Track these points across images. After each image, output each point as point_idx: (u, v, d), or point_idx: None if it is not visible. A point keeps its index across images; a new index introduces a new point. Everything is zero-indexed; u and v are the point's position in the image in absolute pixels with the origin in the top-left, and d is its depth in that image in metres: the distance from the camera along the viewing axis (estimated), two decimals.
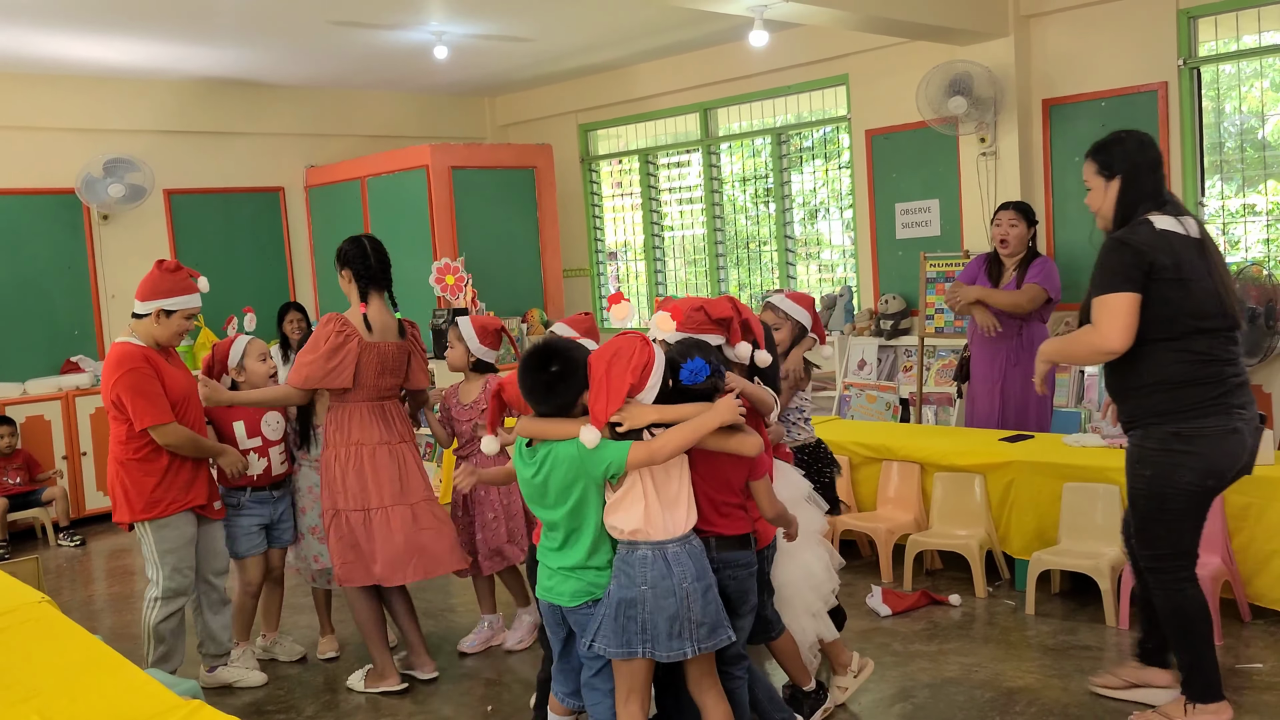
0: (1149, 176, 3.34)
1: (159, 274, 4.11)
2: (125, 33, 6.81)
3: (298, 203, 9.22)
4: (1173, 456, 3.23)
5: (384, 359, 4.12)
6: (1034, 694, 3.81)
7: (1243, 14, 6.28)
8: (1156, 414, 3.25)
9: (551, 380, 2.89)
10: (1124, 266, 3.17)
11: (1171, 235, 3.22)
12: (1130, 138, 3.42)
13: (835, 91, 8.08)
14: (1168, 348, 3.20)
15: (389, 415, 4.18)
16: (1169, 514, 3.29)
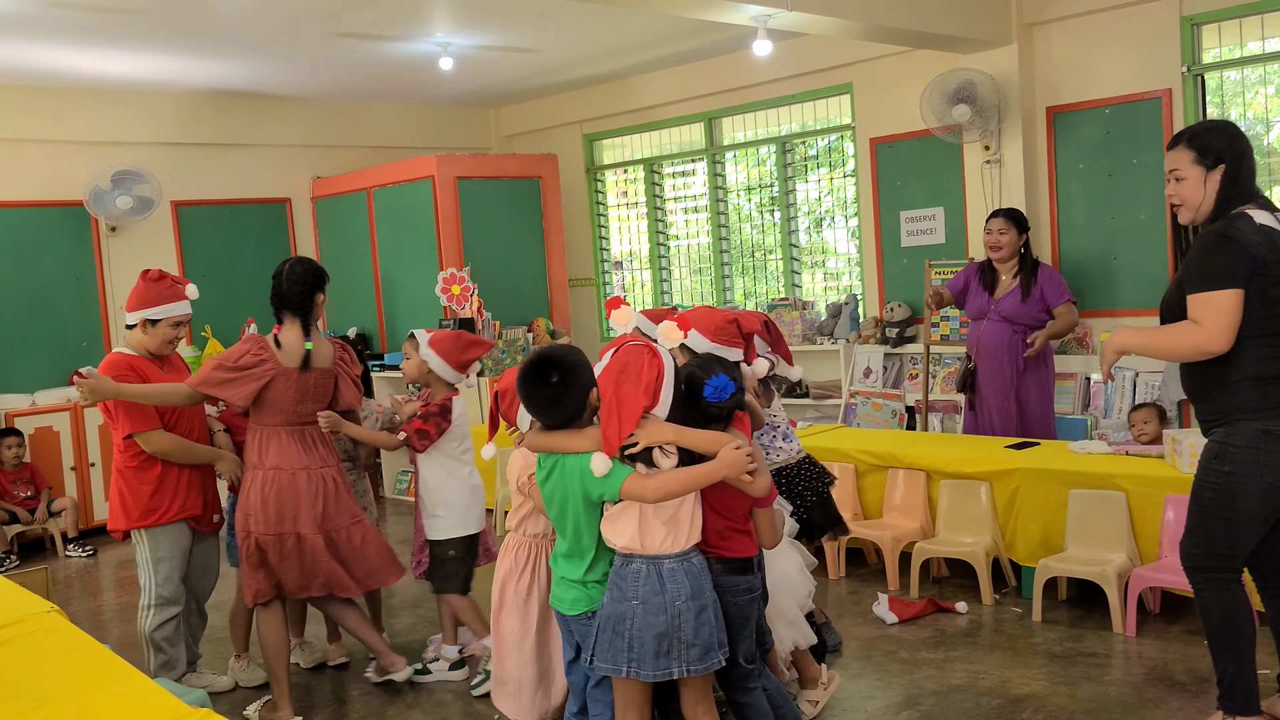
0: (1249, 167, 3.23)
1: (143, 284, 4.20)
2: (133, 46, 6.86)
3: (304, 214, 9.26)
4: (1258, 455, 3.11)
5: (303, 386, 4.04)
6: (1041, 701, 3.80)
7: (1246, 20, 6.29)
8: (1247, 410, 3.12)
9: (555, 394, 2.85)
10: (1231, 263, 3.05)
11: (1271, 231, 3.12)
12: (1230, 126, 3.31)
13: (839, 100, 8.10)
14: (1263, 343, 3.10)
15: (309, 440, 4.08)
16: (1238, 513, 3.17)
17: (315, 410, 4.09)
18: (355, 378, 4.26)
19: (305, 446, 4.07)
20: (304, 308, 4.04)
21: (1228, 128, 3.28)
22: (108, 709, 2.63)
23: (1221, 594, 3.24)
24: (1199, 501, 3.25)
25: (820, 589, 5.16)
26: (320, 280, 4.11)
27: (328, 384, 4.13)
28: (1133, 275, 6.74)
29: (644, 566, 2.80)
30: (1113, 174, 6.75)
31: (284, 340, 4.04)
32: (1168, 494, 4.45)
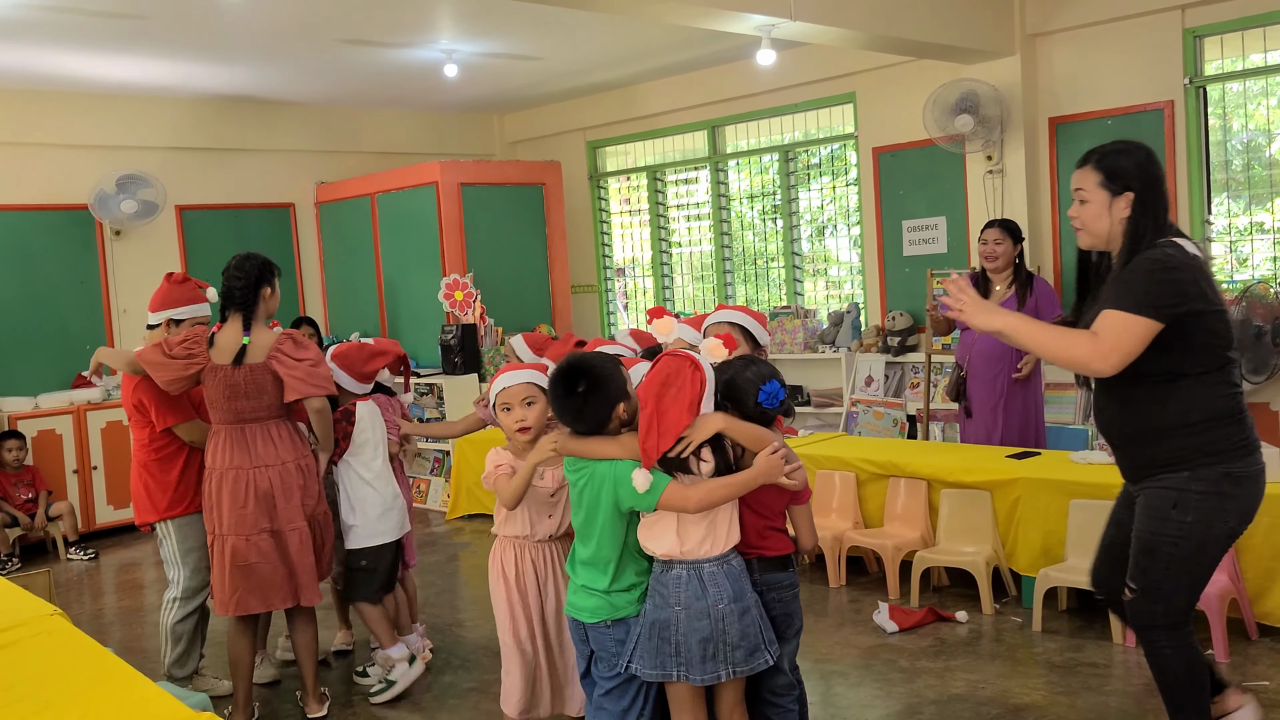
0: (1162, 194, 2.99)
1: (168, 285, 4.31)
2: (138, 51, 6.89)
3: (308, 219, 9.29)
4: (1223, 500, 2.88)
5: (232, 383, 3.93)
6: (1040, 711, 3.81)
7: (1249, 33, 6.31)
8: (1209, 454, 2.89)
9: (578, 405, 2.83)
10: (1164, 295, 2.81)
11: (1201, 261, 2.92)
12: (1141, 149, 3.04)
13: (842, 109, 8.12)
14: (1212, 380, 2.89)
15: (249, 439, 3.97)
16: (1202, 564, 2.95)
17: (253, 408, 3.95)
18: (300, 367, 3.96)
19: (244, 446, 3.96)
20: (246, 303, 3.99)
21: (1138, 151, 3.03)
22: (111, 712, 2.64)
23: (1183, 651, 3.00)
24: (1156, 556, 2.94)
25: (820, 597, 5.19)
26: (265, 275, 4.03)
27: (262, 379, 3.95)
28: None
29: (684, 572, 2.77)
30: None
31: (220, 338, 3.99)
32: None
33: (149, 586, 6.43)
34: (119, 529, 7.68)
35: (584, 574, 2.93)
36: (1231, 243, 6.59)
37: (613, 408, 2.83)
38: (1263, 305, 5.50)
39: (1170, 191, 6.49)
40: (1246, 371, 5.54)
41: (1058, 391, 6.72)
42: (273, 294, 4.08)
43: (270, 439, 3.99)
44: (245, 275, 3.99)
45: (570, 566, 3.01)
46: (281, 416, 4.05)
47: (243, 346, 3.94)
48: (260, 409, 3.98)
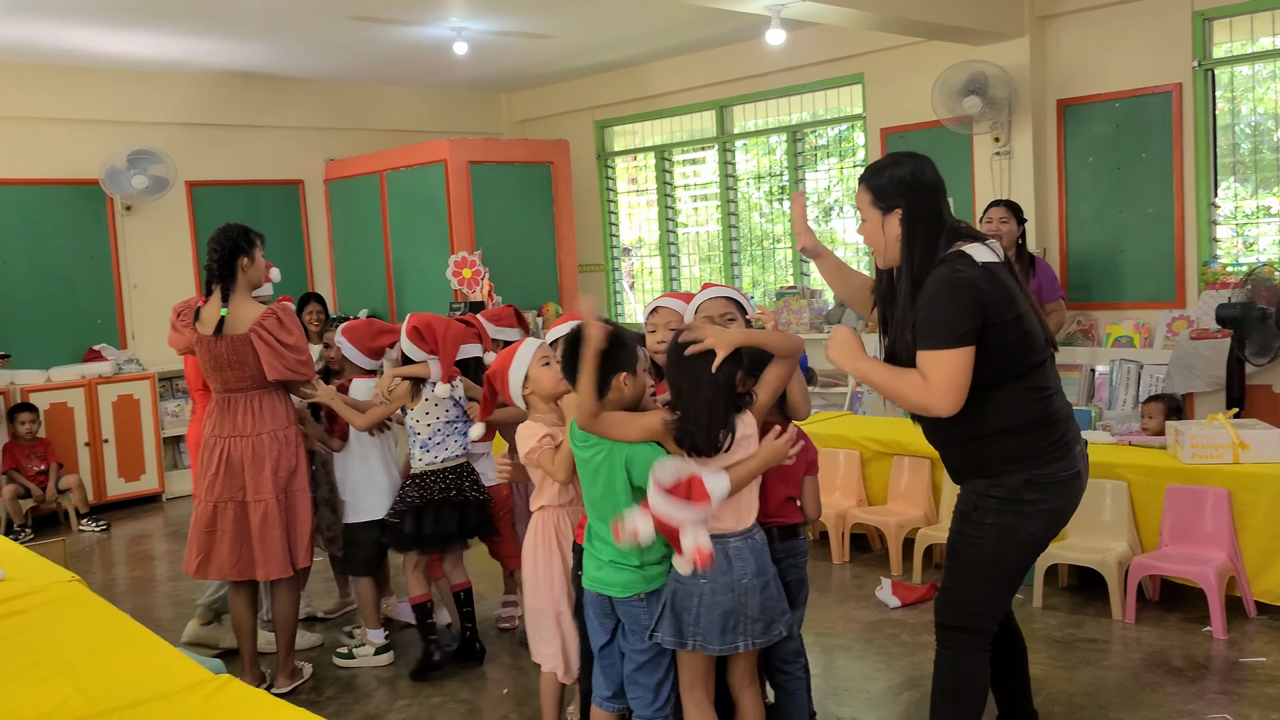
0: (933, 205, 2.88)
1: None
2: (149, 27, 6.92)
3: (317, 196, 9.32)
4: (1022, 506, 2.82)
5: (215, 354, 4.00)
6: (1040, 684, 3.86)
7: (1258, 16, 6.31)
8: (1009, 461, 2.82)
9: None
10: (960, 317, 2.72)
11: (993, 266, 2.80)
12: (907, 163, 2.90)
13: (850, 90, 8.13)
14: (1014, 389, 2.81)
15: (233, 409, 4.03)
16: (1001, 569, 2.89)
17: (235, 379, 4.01)
18: (281, 344, 3.99)
19: (226, 416, 4.04)
20: (224, 275, 4.01)
21: (905, 164, 2.90)
22: (130, 674, 2.70)
23: (960, 657, 2.93)
24: (956, 559, 2.94)
25: (824, 573, 5.25)
26: (240, 246, 4.04)
27: (243, 351, 3.98)
28: (1140, 269, 6.78)
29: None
30: (1122, 168, 6.79)
31: (204, 310, 4.06)
32: (1169, 484, 4.50)
33: (160, 558, 6.51)
34: (130, 501, 7.76)
35: (610, 550, 2.89)
36: (1238, 226, 6.61)
37: (612, 374, 2.82)
38: (1268, 288, 5.52)
39: (1177, 174, 6.54)
40: (1251, 353, 5.57)
41: (1062, 373, 6.75)
42: (252, 264, 4.08)
43: (251, 409, 4.04)
44: (221, 248, 4.03)
45: (589, 541, 2.98)
46: (266, 388, 4.07)
47: (222, 318, 3.98)
48: (244, 379, 4.02)
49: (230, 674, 2.72)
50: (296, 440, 4.14)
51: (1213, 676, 3.89)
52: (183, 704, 2.50)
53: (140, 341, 8.28)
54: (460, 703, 4.03)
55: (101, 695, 2.55)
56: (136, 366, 7.94)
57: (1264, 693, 3.71)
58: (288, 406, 4.15)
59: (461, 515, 4.18)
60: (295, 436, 4.14)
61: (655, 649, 2.89)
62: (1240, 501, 4.36)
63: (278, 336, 3.98)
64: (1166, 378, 6.20)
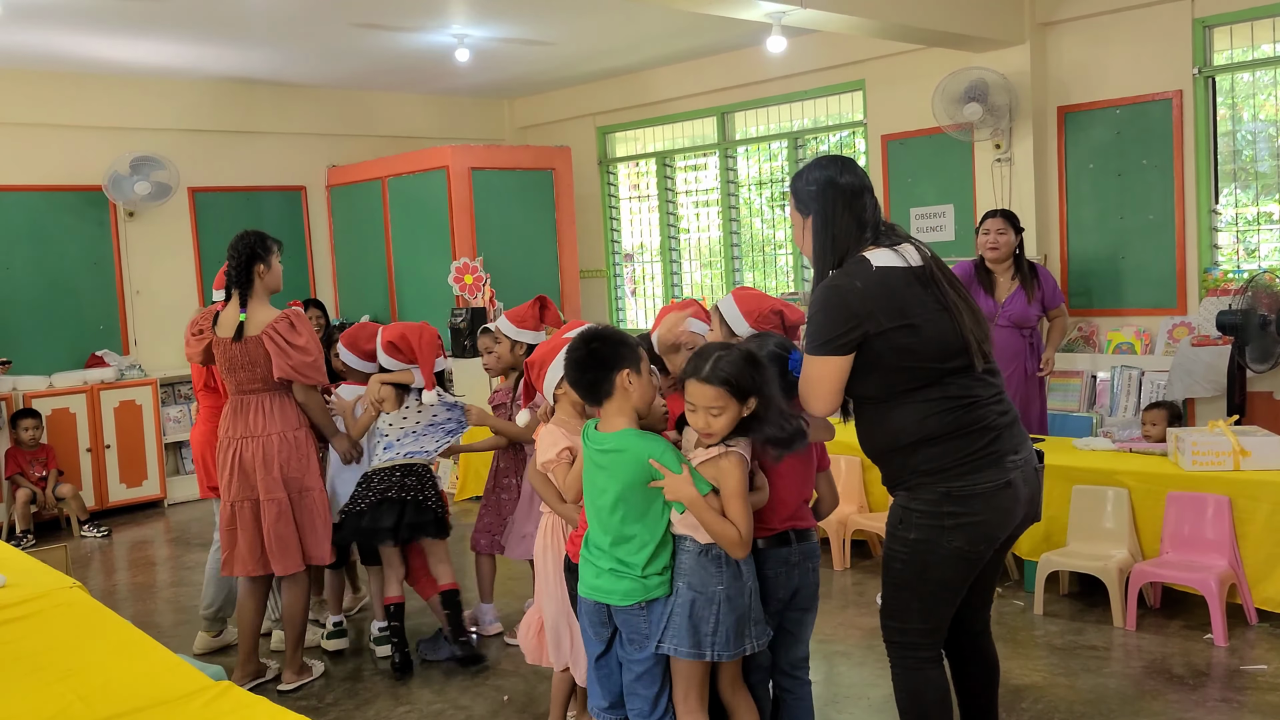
0: (846, 209, 2.82)
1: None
2: (153, 33, 6.94)
3: (319, 202, 9.34)
4: (942, 520, 2.75)
5: (230, 357, 4.16)
6: (1040, 692, 3.87)
7: (1258, 23, 6.32)
8: (925, 473, 2.76)
9: (587, 357, 2.87)
10: (833, 324, 2.71)
11: (891, 272, 2.74)
12: (824, 165, 2.87)
13: (852, 96, 8.14)
14: (922, 397, 2.74)
15: (246, 410, 4.17)
16: (929, 583, 2.82)
17: (248, 380, 4.16)
18: (290, 345, 4.09)
19: (240, 417, 4.18)
20: (241, 280, 4.16)
21: (817, 167, 2.87)
22: (131, 680, 2.71)
23: (911, 674, 2.90)
24: (889, 573, 2.90)
25: (825, 580, 5.25)
26: (257, 252, 4.16)
27: (256, 354, 4.13)
28: (1141, 275, 6.78)
29: (724, 554, 2.80)
30: (1122, 174, 6.80)
31: (223, 315, 4.23)
32: (1170, 491, 4.51)
33: (161, 564, 6.52)
34: (132, 507, 7.77)
35: (609, 557, 2.87)
36: (1239, 233, 6.61)
37: (614, 373, 2.84)
38: (1269, 295, 5.53)
39: (1178, 181, 6.54)
40: (1252, 360, 5.57)
41: (1063, 380, 6.77)
42: (268, 270, 4.20)
43: (263, 411, 4.17)
44: (238, 254, 4.17)
45: (587, 549, 2.94)
46: (277, 389, 4.20)
47: (241, 322, 4.14)
48: (255, 381, 4.17)
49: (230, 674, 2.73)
50: (307, 440, 4.24)
51: (1213, 684, 3.89)
52: (183, 710, 2.51)
53: (142, 347, 8.30)
54: (460, 709, 4.03)
55: (102, 701, 2.56)
56: (139, 372, 7.96)
57: (1265, 700, 3.71)
58: (298, 409, 4.24)
59: (400, 512, 4.23)
60: (305, 437, 4.24)
61: (654, 659, 2.87)
62: (1241, 509, 4.36)
63: (287, 338, 4.11)
64: (1167, 384, 6.20)
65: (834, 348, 2.71)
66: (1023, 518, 2.85)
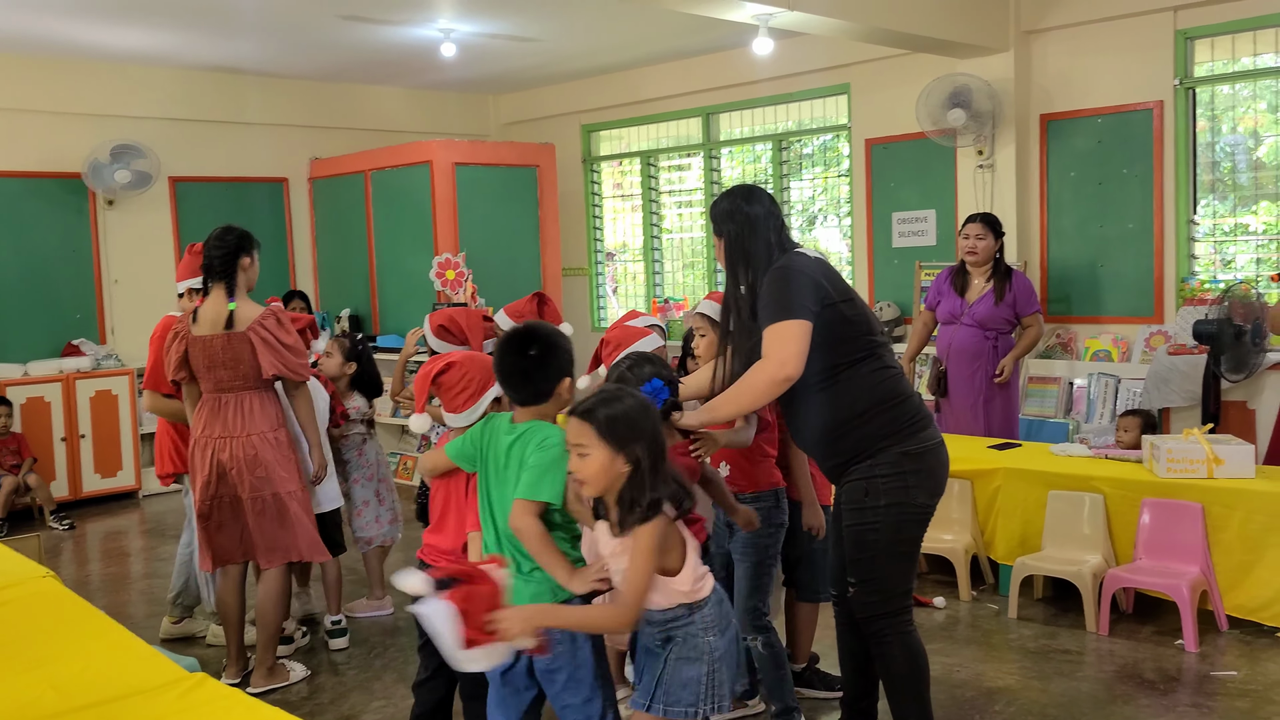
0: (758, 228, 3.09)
1: (189, 257, 4.53)
2: (137, 20, 6.89)
3: (301, 194, 9.29)
4: (905, 479, 2.97)
5: (211, 353, 4.04)
6: (1013, 694, 3.90)
7: (1239, 36, 6.39)
8: (883, 437, 2.98)
9: (526, 366, 2.74)
10: (796, 292, 2.93)
11: (822, 258, 3.10)
12: (735, 193, 3.16)
13: (836, 100, 8.17)
14: (866, 368, 3.00)
15: (224, 409, 4.06)
16: (905, 544, 3.04)
17: (229, 377, 4.05)
18: (280, 343, 4.05)
19: (217, 416, 4.07)
20: (227, 272, 4.09)
21: (731, 197, 3.15)
22: (105, 671, 2.69)
23: (906, 639, 3.06)
24: (863, 546, 3.02)
25: None
26: (243, 246, 4.12)
27: (240, 349, 4.03)
28: (1120, 283, 6.84)
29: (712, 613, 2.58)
30: (1103, 183, 6.85)
31: (203, 311, 4.10)
32: (1145, 497, 4.55)
33: (135, 555, 6.47)
34: (107, 497, 7.71)
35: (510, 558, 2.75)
36: (1217, 244, 6.68)
37: (559, 378, 2.75)
38: (1244, 306, 5.58)
39: (1157, 190, 6.60)
40: (1227, 370, 5.63)
41: (1040, 385, 6.82)
42: (251, 264, 4.18)
43: (242, 410, 4.08)
44: (224, 246, 4.11)
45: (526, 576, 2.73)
46: (259, 388, 4.12)
47: (230, 313, 4.05)
48: (236, 379, 4.07)
49: (209, 670, 2.72)
50: (288, 441, 4.17)
51: (1184, 689, 3.93)
52: (158, 701, 2.50)
53: (120, 337, 8.24)
54: None
55: (76, 691, 2.55)
56: (115, 362, 7.90)
57: (1234, 706, 3.75)
58: (278, 408, 4.17)
59: None
60: (286, 438, 4.17)
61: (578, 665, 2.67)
62: (1214, 516, 4.41)
63: (277, 335, 4.05)
64: (1144, 392, 6.25)
65: (804, 311, 2.91)
66: None
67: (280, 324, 4.08)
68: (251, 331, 4.03)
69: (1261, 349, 5.63)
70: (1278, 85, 6.40)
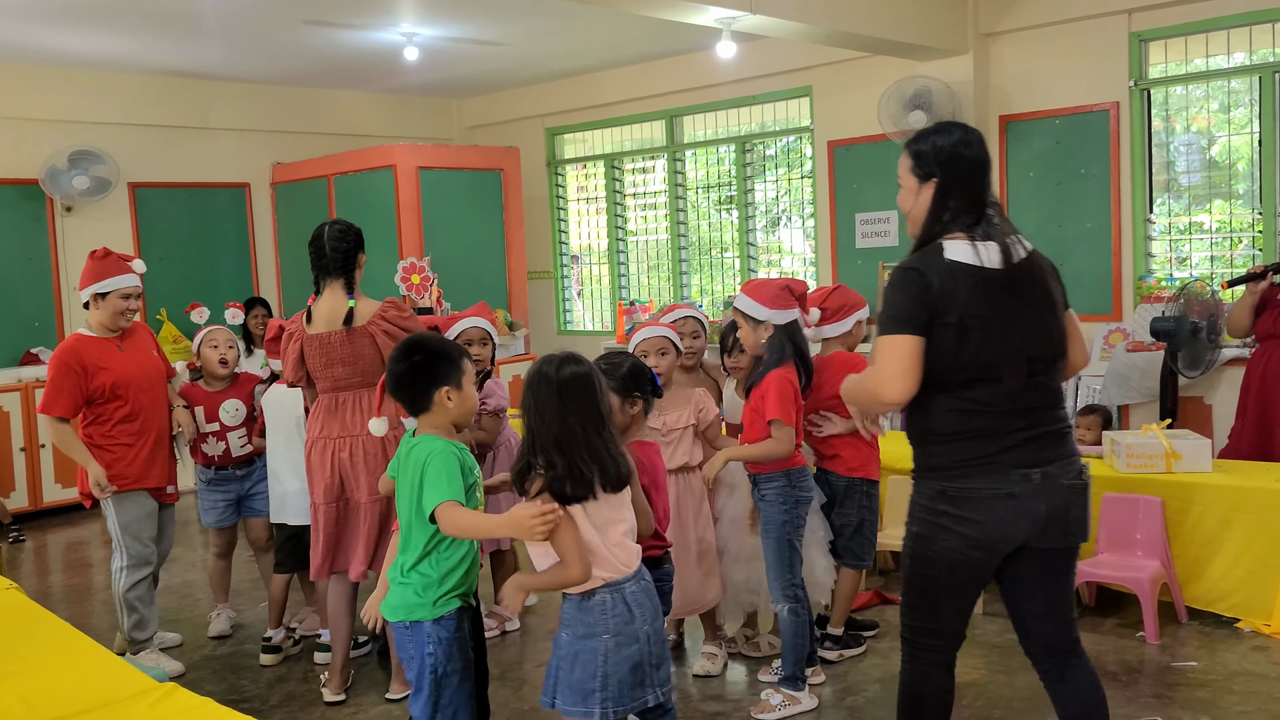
0: (969, 184, 2.75)
1: (90, 262, 4.38)
2: (95, 25, 6.81)
3: (263, 199, 9.23)
4: (938, 517, 2.72)
5: (328, 350, 3.92)
6: (980, 688, 3.95)
7: (1192, 38, 6.51)
8: (928, 468, 2.77)
9: (405, 374, 2.86)
10: (908, 303, 2.65)
11: (961, 268, 2.66)
12: (952, 132, 2.78)
13: (799, 102, 8.23)
14: (943, 396, 2.70)
15: (341, 407, 3.94)
16: (930, 580, 2.79)
17: (347, 374, 3.92)
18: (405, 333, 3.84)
19: (334, 415, 3.93)
20: (348, 268, 3.98)
21: (948, 133, 2.78)
22: (75, 682, 2.68)
23: (914, 672, 2.87)
24: (901, 566, 2.90)
25: None
26: (360, 242, 4.03)
27: (360, 345, 3.90)
28: (1080, 282, 6.92)
29: (608, 596, 2.66)
30: (1061, 183, 6.95)
31: (317, 308, 3.97)
32: (1105, 493, 4.62)
33: (97, 565, 6.40)
34: (67, 508, 7.61)
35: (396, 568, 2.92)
36: (1172, 242, 6.79)
37: (436, 388, 2.84)
38: (1199, 303, 5.69)
39: (1114, 190, 6.71)
40: (1184, 366, 5.73)
41: None
42: (363, 262, 4.06)
43: (361, 408, 3.93)
44: (344, 241, 3.99)
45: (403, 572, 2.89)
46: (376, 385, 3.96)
47: (350, 310, 3.91)
48: (355, 375, 3.93)
49: (174, 684, 2.70)
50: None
51: (1146, 680, 4.00)
52: (129, 712, 2.48)
53: None
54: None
55: (45, 703, 2.53)
56: None
57: (1194, 696, 3.82)
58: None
59: None
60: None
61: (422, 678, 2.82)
62: (1173, 510, 4.49)
63: (403, 327, 3.86)
64: (1103, 389, 6.35)
65: (909, 327, 2.64)
66: (1040, 534, 2.72)
67: (402, 314, 3.95)
68: (374, 326, 3.89)
69: (1217, 345, 5.74)
70: (1230, 86, 6.52)
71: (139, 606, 4.36)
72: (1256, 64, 6.35)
